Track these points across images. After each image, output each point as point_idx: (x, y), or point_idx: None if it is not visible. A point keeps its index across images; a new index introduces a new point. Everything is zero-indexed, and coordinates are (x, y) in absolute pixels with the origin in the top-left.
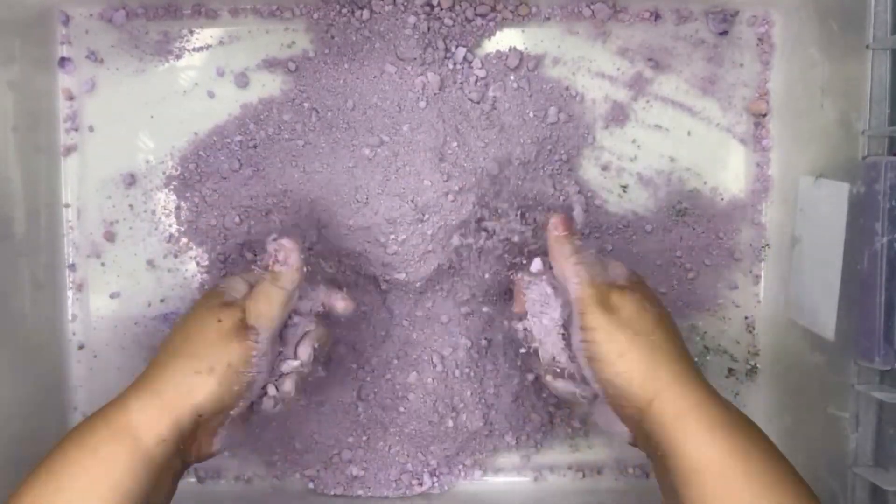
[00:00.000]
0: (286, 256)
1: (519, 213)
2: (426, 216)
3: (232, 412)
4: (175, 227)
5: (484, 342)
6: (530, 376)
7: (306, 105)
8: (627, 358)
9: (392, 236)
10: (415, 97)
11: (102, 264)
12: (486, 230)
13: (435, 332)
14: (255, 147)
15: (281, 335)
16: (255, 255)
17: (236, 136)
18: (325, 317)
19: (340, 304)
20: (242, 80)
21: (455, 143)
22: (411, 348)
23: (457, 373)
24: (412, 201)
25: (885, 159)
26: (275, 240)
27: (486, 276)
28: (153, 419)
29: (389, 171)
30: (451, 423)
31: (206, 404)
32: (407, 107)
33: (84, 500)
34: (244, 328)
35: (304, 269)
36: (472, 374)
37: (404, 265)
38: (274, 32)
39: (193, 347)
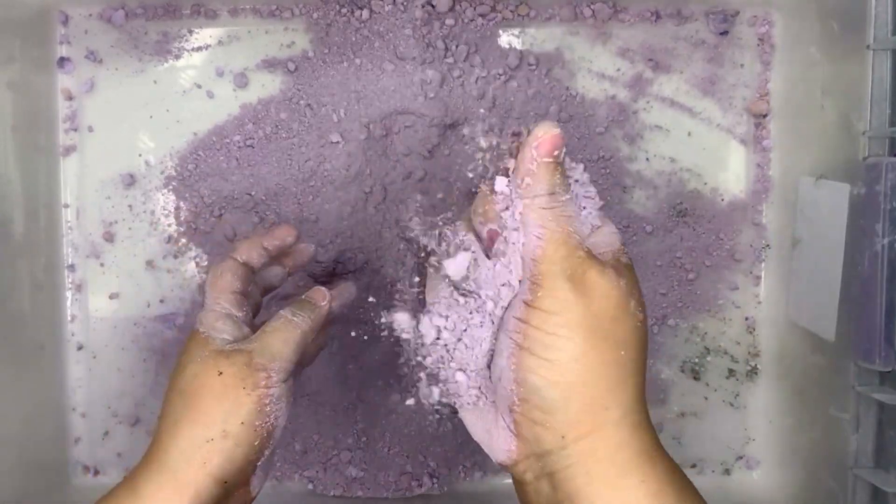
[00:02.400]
0: (325, 297)
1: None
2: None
3: (259, 463)
4: (174, 227)
5: None
6: None
7: (302, 103)
8: (580, 367)
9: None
10: (413, 96)
11: (102, 265)
12: None
13: None
14: (252, 147)
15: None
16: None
17: (235, 136)
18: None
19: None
20: (242, 81)
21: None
22: None
23: None
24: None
25: (885, 160)
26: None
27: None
28: (171, 502)
29: None
30: (450, 425)
31: (227, 471)
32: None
33: None
34: (252, 374)
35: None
36: None
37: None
38: (273, 32)
39: (197, 412)
